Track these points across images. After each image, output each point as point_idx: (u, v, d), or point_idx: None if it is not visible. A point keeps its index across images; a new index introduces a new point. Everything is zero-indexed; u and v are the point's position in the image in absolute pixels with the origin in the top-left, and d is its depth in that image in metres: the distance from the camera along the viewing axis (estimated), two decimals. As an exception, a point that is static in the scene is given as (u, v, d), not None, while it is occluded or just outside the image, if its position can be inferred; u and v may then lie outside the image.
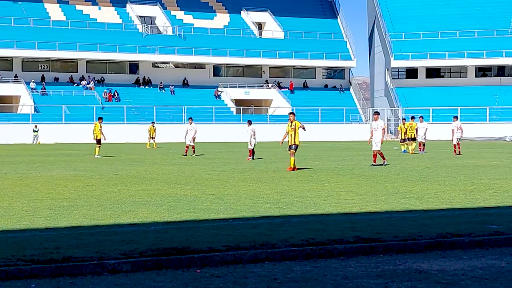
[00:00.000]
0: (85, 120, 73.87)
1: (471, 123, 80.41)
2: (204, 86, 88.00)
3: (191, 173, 24.40)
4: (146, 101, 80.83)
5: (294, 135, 25.73)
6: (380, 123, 28.44)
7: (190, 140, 39.37)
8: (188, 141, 39.49)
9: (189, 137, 39.44)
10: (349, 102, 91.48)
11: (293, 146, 25.65)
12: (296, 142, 25.72)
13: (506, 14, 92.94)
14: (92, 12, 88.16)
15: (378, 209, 13.91)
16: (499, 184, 19.38)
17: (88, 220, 12.45)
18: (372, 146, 28.20)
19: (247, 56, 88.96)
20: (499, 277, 8.38)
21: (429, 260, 9.39)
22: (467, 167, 26.99)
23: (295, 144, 25.68)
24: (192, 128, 39.67)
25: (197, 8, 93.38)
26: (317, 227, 11.42)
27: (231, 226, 11.56)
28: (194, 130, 39.70)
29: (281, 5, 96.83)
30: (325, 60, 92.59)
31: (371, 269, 8.83)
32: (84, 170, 26.25)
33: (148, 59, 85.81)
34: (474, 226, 11.43)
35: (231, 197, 16.20)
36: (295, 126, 25.74)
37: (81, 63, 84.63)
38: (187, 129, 39.90)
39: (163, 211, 13.59)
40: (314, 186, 18.86)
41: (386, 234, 10.67)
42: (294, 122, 25.87)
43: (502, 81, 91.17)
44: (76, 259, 8.80)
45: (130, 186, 19.18)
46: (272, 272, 8.63)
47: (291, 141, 25.76)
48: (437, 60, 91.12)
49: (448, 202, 15.07)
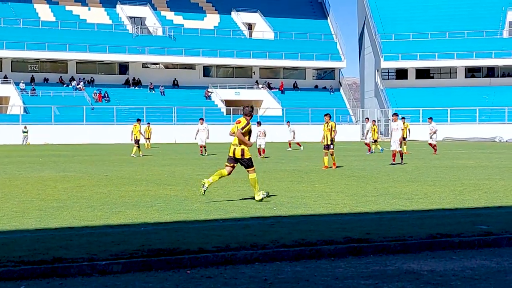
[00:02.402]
0: (75, 121, 73.76)
1: (461, 123, 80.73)
2: (194, 86, 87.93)
3: (181, 173, 24.38)
4: (136, 102, 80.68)
5: (330, 135, 27.36)
6: (400, 123, 29.97)
7: (203, 140, 39.35)
8: (201, 141, 39.52)
9: (203, 137, 39.45)
10: (339, 103, 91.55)
11: (331, 146, 27.27)
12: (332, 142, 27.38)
13: (495, 15, 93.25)
14: (82, 13, 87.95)
15: (368, 210, 13.93)
16: (489, 184, 19.44)
17: (78, 221, 12.42)
18: (392, 146, 29.57)
19: (237, 56, 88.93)
20: (489, 277, 8.40)
21: (419, 260, 9.40)
22: (457, 168, 27.07)
23: (331, 144, 27.32)
24: (204, 128, 39.73)
25: (187, 9, 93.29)
26: (308, 227, 11.43)
27: (221, 227, 11.55)
28: (207, 130, 39.71)
29: (271, 6, 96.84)
30: (315, 61, 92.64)
31: (361, 269, 8.84)
32: (74, 171, 26.19)
33: (138, 59, 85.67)
34: (464, 227, 11.46)
35: (221, 197, 16.19)
36: (331, 126, 27.48)
37: (70, 64, 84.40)
38: (198, 129, 39.98)
39: (153, 212, 13.57)
40: (305, 187, 18.87)
41: (376, 234, 10.68)
42: (330, 123, 27.56)
43: (491, 82, 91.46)
44: (66, 260, 8.77)
45: (120, 187, 19.14)
46: (263, 273, 8.63)
47: (327, 141, 27.35)
48: (427, 61, 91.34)
49: (438, 203, 15.10)
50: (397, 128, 29.64)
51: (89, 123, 74.02)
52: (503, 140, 74.34)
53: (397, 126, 29.73)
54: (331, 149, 27.26)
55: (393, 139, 29.62)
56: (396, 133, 29.54)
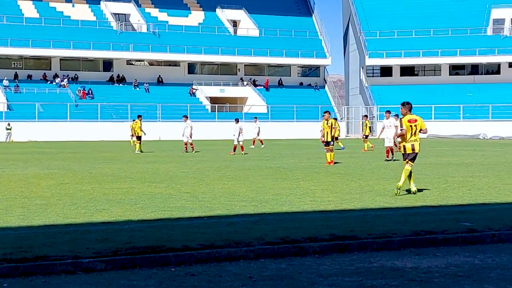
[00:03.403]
0: (59, 118, 73.42)
1: (445, 121, 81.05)
2: (179, 83, 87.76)
3: (165, 171, 24.32)
4: (120, 99, 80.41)
5: (331, 132, 27.89)
6: (392, 120, 30.56)
7: (187, 137, 39.65)
8: (186, 138, 39.77)
9: (186, 134, 39.83)
10: (324, 100, 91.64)
11: (331, 142, 27.88)
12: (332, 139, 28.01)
13: (479, 12, 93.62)
14: (66, 9, 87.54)
15: (353, 207, 13.95)
16: (473, 182, 19.52)
17: (62, 218, 12.36)
18: (385, 143, 30.44)
19: (222, 53, 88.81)
20: (473, 274, 8.43)
21: (403, 257, 9.43)
22: (441, 165, 27.16)
23: (332, 141, 27.94)
24: (188, 125, 40.18)
25: (172, 6, 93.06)
26: (292, 225, 11.43)
27: (206, 225, 11.53)
28: (190, 127, 40.11)
29: (256, 3, 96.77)
30: (300, 58, 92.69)
31: (345, 266, 8.85)
32: (58, 168, 26.08)
33: (122, 56, 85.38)
34: (448, 224, 11.49)
35: (206, 195, 16.17)
36: (332, 124, 28.06)
37: (54, 61, 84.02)
38: (184, 127, 40.38)
39: (137, 210, 13.53)
40: (289, 184, 18.87)
41: (360, 231, 10.70)
42: (330, 120, 28.15)
43: (475, 79, 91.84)
44: (49, 258, 8.72)
45: (104, 184, 19.08)
46: (247, 270, 8.62)
47: (327, 138, 27.85)
48: (411, 59, 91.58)
49: (422, 200, 15.14)
50: (390, 125, 30.42)
51: (73, 120, 73.76)
52: (487, 137, 74.69)
53: (390, 123, 30.54)
54: (331, 145, 27.84)
55: (386, 136, 30.29)
56: (389, 130, 30.15)
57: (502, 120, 79.16)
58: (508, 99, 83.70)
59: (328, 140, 27.83)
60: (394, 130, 29.92)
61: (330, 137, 27.85)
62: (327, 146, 27.86)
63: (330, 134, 27.84)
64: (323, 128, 28.13)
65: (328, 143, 27.81)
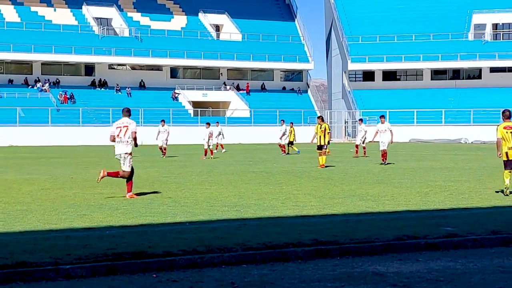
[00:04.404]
0: (40, 122, 73.00)
1: (427, 125, 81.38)
2: (161, 88, 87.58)
3: (147, 176, 24.24)
4: (102, 103, 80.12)
5: (324, 136, 28.71)
6: (387, 125, 31.53)
7: (162, 141, 39.58)
8: (161, 143, 39.72)
9: (162, 138, 39.66)
10: (307, 104, 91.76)
11: (324, 146, 28.70)
12: (326, 143, 28.79)
13: (461, 18, 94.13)
14: (47, 14, 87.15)
15: (335, 212, 13.95)
16: (454, 186, 19.60)
17: (42, 224, 12.28)
18: (380, 146, 31.09)
19: (205, 58, 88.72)
20: (454, 279, 8.45)
21: (386, 262, 9.43)
22: (423, 169, 27.26)
23: (325, 144, 28.75)
24: (165, 130, 40.07)
25: (154, 10, 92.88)
26: (275, 230, 11.41)
27: (188, 230, 11.49)
28: (167, 132, 40.03)
29: (238, 8, 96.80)
30: (283, 63, 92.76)
31: (328, 272, 8.84)
32: (39, 173, 25.92)
33: (104, 61, 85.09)
34: (430, 228, 11.52)
35: (188, 200, 16.12)
36: (325, 128, 28.91)
37: (36, 65, 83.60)
38: (159, 131, 40.22)
39: (118, 215, 13.46)
40: (272, 189, 18.86)
41: (343, 236, 10.69)
42: (323, 124, 29.08)
43: (457, 84, 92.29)
44: (30, 264, 8.65)
45: (85, 189, 18.98)
46: (229, 276, 8.59)
47: (320, 142, 28.75)
48: (393, 63, 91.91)
49: (404, 205, 15.17)
50: (384, 130, 31.23)
51: (54, 125, 73.34)
52: (469, 141, 75.06)
53: (384, 128, 31.31)
54: (324, 149, 28.70)
55: (381, 140, 31.15)
56: (384, 135, 31.12)
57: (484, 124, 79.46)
58: (489, 103, 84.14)
59: (321, 144, 28.71)
60: (389, 134, 31.27)
61: (323, 141, 28.69)
62: (320, 149, 28.72)
63: (323, 138, 28.73)
64: (316, 132, 29.18)
65: (321, 147, 28.70)
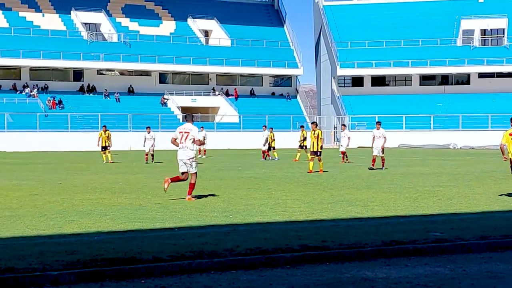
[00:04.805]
0: (28, 128, 72.81)
1: (416, 130, 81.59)
2: (150, 93, 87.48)
3: (136, 181, 24.19)
4: (90, 109, 79.97)
5: (317, 142, 29.22)
6: (382, 131, 32.08)
7: (149, 148, 39.48)
8: (147, 149, 39.61)
9: (148, 145, 39.64)
10: (296, 110, 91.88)
11: (318, 153, 29.19)
12: (319, 149, 29.23)
13: (449, 23, 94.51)
14: (36, 19, 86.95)
15: (324, 217, 13.95)
16: (443, 191, 19.63)
17: (31, 230, 12.23)
18: (373, 152, 31.91)
19: (194, 63, 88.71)
20: (443, 284, 8.46)
21: (374, 268, 9.43)
22: (412, 175, 27.30)
23: (319, 151, 29.20)
24: (151, 136, 40.08)
25: (143, 15, 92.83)
26: (263, 235, 11.40)
27: (176, 236, 11.46)
28: (153, 139, 40.08)
29: (227, 13, 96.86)
30: (272, 68, 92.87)
31: (316, 277, 8.83)
32: (27, 179, 25.83)
33: (93, 66, 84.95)
34: (419, 234, 11.53)
35: (177, 206, 16.09)
36: (318, 134, 29.30)
37: (24, 71, 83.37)
38: (145, 138, 40.23)
39: (107, 221, 13.42)
40: (261, 194, 18.84)
41: (332, 242, 10.69)
42: (316, 130, 29.49)
43: (445, 90, 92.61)
44: (17, 271, 8.61)
45: (74, 195, 18.92)
46: (218, 282, 8.57)
47: (314, 148, 29.28)
48: (382, 69, 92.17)
49: (393, 210, 15.19)
50: (379, 136, 31.86)
51: (42, 130, 73.14)
52: (457, 147, 75.27)
53: (379, 134, 31.91)
54: (318, 155, 29.13)
55: (375, 146, 31.90)
56: (378, 141, 31.82)
57: (472, 130, 79.81)
58: (478, 109, 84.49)
59: (315, 150, 29.21)
60: (383, 141, 31.93)
61: (316, 147, 29.19)
62: (314, 155, 29.23)
63: (316, 144, 29.24)
64: (310, 139, 29.88)
65: (316, 153, 29.21)
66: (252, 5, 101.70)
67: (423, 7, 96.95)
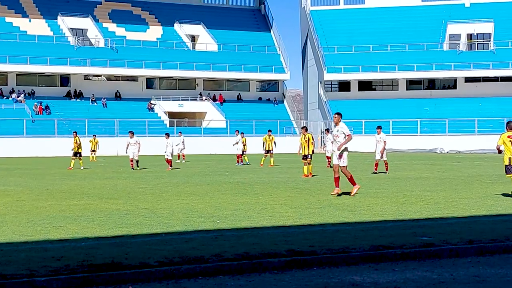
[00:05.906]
0: (15, 133, 72.53)
1: (403, 135, 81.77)
2: (137, 98, 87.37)
3: (123, 187, 24.12)
4: (77, 114, 79.76)
5: (308, 146, 29.71)
6: (382, 136, 32.56)
7: (135, 154, 38.45)
8: (132, 154, 38.66)
9: (134, 151, 38.44)
10: (283, 115, 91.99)
11: (309, 156, 29.61)
12: (310, 152, 29.73)
13: (435, 28, 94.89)
14: (22, 24, 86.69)
15: (312, 222, 13.95)
16: (430, 196, 19.68)
17: (18, 236, 12.16)
18: (375, 156, 32.43)
19: (181, 68, 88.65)
20: (431, 288, 8.46)
21: (362, 272, 9.43)
22: (399, 179, 27.36)
23: (310, 154, 29.65)
24: (135, 141, 38.58)
25: (130, 21, 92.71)
26: (251, 240, 11.38)
27: (164, 241, 11.43)
28: (138, 144, 38.67)
29: (214, 18, 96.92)
30: (258, 73, 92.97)
31: (304, 282, 8.83)
32: (14, 184, 25.71)
33: (80, 71, 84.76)
34: (406, 238, 11.55)
35: (164, 211, 16.05)
36: (309, 138, 29.97)
37: (10, 76, 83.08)
38: (129, 143, 38.76)
39: (94, 227, 13.37)
40: (248, 199, 18.83)
41: (319, 247, 10.69)
42: (307, 135, 30.16)
43: (432, 94, 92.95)
44: (4, 277, 8.56)
45: (61, 201, 18.84)
46: (206, 287, 8.55)
47: (305, 152, 29.74)
48: (369, 73, 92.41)
49: (380, 215, 15.21)
50: (380, 140, 32.26)
51: (29, 136, 72.89)
52: (444, 151, 75.50)
53: (380, 139, 32.37)
54: (309, 159, 29.59)
55: (376, 150, 32.41)
56: (379, 145, 32.25)
57: (459, 134, 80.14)
58: (464, 113, 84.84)
59: (306, 154, 29.65)
60: (383, 145, 32.32)
61: (307, 151, 29.64)
62: (305, 159, 29.63)
63: (307, 148, 29.70)
64: (301, 143, 30.20)
65: (306, 157, 29.63)
66: (239, 10, 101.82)
67: (410, 11, 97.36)
